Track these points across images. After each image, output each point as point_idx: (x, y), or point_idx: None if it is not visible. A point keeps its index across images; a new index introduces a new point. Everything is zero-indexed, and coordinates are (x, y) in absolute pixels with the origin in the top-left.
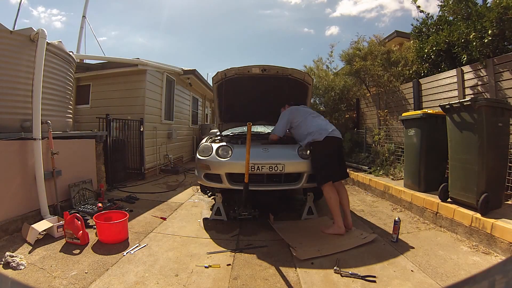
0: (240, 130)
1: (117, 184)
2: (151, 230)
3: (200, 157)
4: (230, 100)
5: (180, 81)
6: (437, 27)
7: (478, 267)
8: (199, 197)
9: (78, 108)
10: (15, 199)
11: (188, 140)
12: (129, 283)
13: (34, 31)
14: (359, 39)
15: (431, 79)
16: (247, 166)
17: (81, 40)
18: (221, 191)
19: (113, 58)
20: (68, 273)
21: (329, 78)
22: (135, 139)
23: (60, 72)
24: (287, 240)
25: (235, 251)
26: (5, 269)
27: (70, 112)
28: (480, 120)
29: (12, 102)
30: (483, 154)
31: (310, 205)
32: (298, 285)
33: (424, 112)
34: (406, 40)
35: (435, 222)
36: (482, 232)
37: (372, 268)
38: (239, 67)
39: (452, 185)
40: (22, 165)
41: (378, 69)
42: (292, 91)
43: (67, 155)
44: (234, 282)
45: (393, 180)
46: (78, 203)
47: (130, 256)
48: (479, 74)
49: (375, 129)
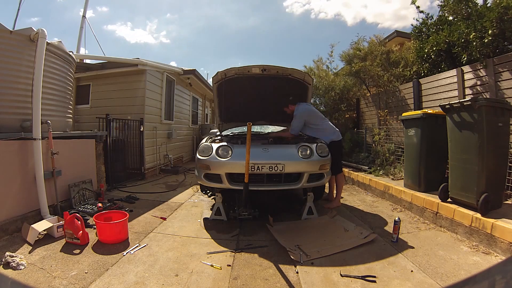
0: (240, 130)
1: (117, 184)
2: (151, 230)
3: (200, 157)
4: (230, 100)
5: (180, 81)
6: (437, 27)
7: (478, 267)
8: (199, 197)
9: (78, 108)
10: (15, 199)
11: (188, 140)
12: (129, 283)
13: (34, 31)
14: (359, 39)
15: (431, 79)
16: (247, 166)
17: (81, 40)
18: (221, 191)
19: (113, 58)
20: (68, 273)
21: (329, 78)
22: (135, 139)
23: (60, 72)
24: (283, 243)
25: (235, 251)
26: (5, 269)
27: (70, 112)
28: (480, 120)
29: (12, 102)
30: (483, 154)
31: (310, 205)
32: (298, 285)
33: (424, 112)
34: (406, 40)
35: (435, 222)
36: (482, 232)
37: (372, 268)
38: (239, 67)
39: (452, 185)
40: (22, 165)
41: (378, 69)
42: (292, 91)
43: (67, 155)
44: (234, 282)
45: (393, 180)
46: (78, 203)
47: (130, 256)
48: (479, 74)
49: (375, 129)
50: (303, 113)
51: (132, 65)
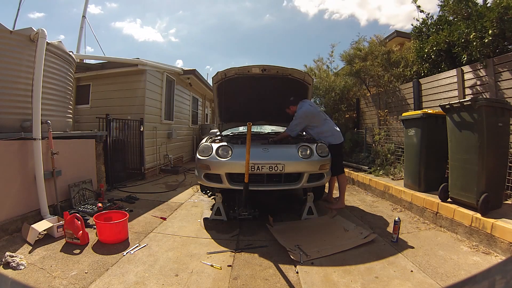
0: (240, 130)
1: (117, 184)
2: (151, 230)
3: (200, 157)
4: (230, 100)
5: (180, 81)
6: (437, 27)
7: (478, 267)
8: (199, 197)
9: (78, 108)
10: (15, 199)
11: (188, 140)
12: (129, 283)
13: (34, 31)
14: (359, 39)
15: (431, 79)
16: (247, 166)
17: (81, 40)
18: (221, 191)
19: (113, 58)
20: (68, 273)
21: (330, 79)
22: (135, 139)
23: (60, 72)
24: (283, 243)
25: (235, 251)
26: (5, 269)
27: (70, 112)
28: (480, 120)
29: (12, 102)
30: (483, 154)
31: (310, 205)
32: (298, 285)
33: (424, 112)
34: (406, 40)
35: (435, 222)
36: (482, 232)
37: (372, 268)
38: (239, 67)
39: (452, 185)
40: (22, 165)
41: (378, 69)
42: (292, 91)
43: (67, 155)
44: (234, 282)
45: (393, 180)
46: (78, 203)
47: (130, 256)
48: (479, 74)
49: (375, 129)
50: (305, 116)
51: (132, 65)
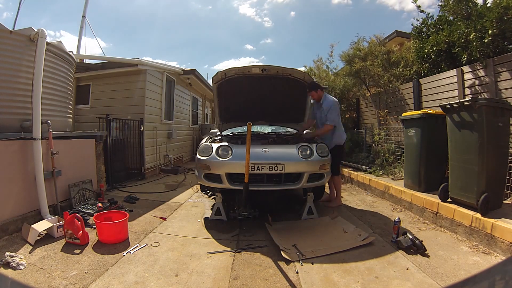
0: (240, 130)
1: (117, 184)
2: (151, 230)
3: (200, 157)
4: (230, 100)
5: (180, 81)
6: (437, 27)
7: (478, 267)
8: (199, 197)
9: (78, 108)
10: (15, 199)
11: (188, 140)
12: (129, 283)
13: (34, 31)
14: (359, 39)
15: (431, 79)
16: (247, 166)
17: (81, 40)
18: (221, 191)
19: (113, 58)
20: (68, 273)
21: (329, 78)
22: (135, 139)
23: (60, 72)
24: (277, 242)
25: (235, 251)
26: (5, 269)
27: (70, 112)
28: (480, 120)
29: (12, 102)
30: (483, 154)
31: (310, 205)
32: (298, 285)
33: (424, 112)
34: (406, 40)
35: (435, 222)
36: (482, 232)
37: (372, 268)
38: (239, 67)
39: (452, 185)
40: (22, 165)
41: (378, 69)
42: (292, 91)
43: (67, 155)
44: (234, 282)
45: (393, 180)
46: (78, 203)
47: (130, 256)
48: (478, 74)
49: (375, 129)
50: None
51: (132, 65)
